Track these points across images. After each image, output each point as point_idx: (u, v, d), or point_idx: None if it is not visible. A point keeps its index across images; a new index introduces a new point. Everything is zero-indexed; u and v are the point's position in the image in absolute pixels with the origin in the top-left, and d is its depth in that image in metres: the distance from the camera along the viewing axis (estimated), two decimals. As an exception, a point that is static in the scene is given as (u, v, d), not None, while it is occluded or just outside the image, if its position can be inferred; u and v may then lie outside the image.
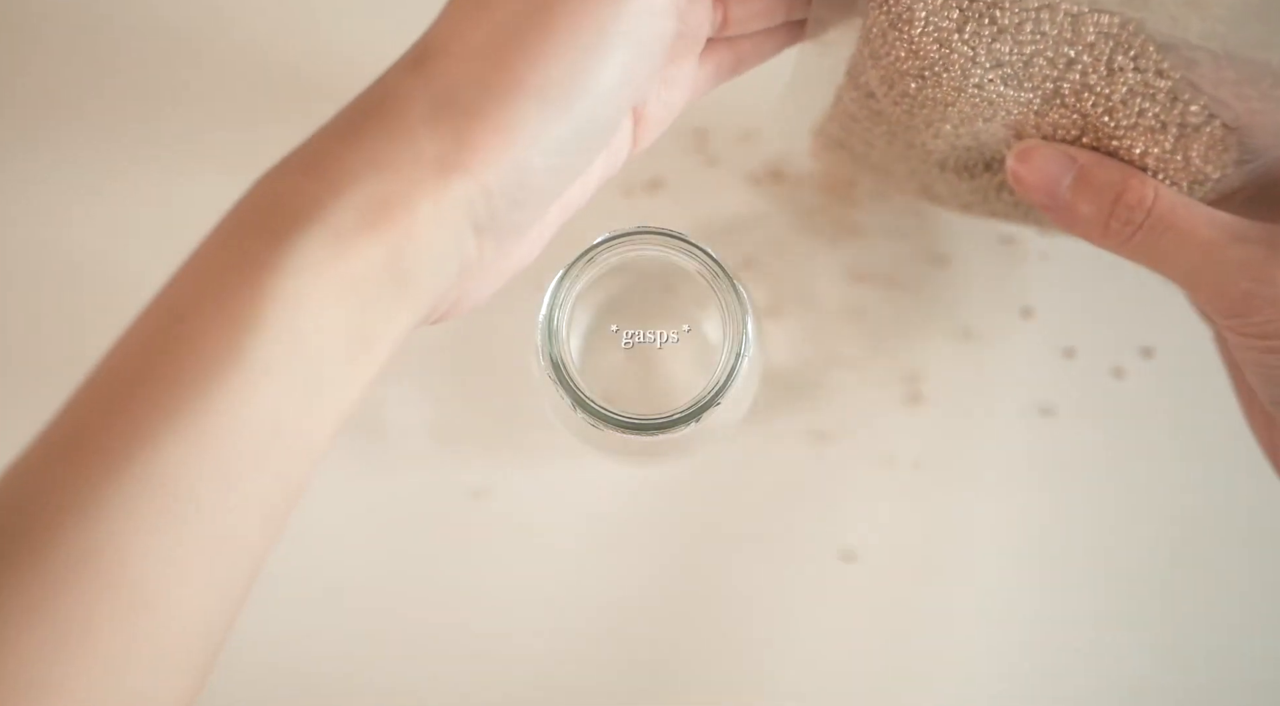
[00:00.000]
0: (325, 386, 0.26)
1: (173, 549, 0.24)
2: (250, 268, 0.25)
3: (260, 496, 0.25)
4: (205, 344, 0.24)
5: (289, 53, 0.48)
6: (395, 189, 0.26)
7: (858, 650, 0.46)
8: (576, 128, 0.28)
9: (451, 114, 0.27)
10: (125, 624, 0.24)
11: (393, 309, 0.27)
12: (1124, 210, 0.32)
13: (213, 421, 0.24)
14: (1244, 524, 0.45)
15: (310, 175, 0.27)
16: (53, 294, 0.47)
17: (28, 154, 0.48)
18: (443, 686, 0.46)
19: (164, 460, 0.24)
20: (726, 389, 0.32)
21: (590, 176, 0.32)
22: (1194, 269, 0.31)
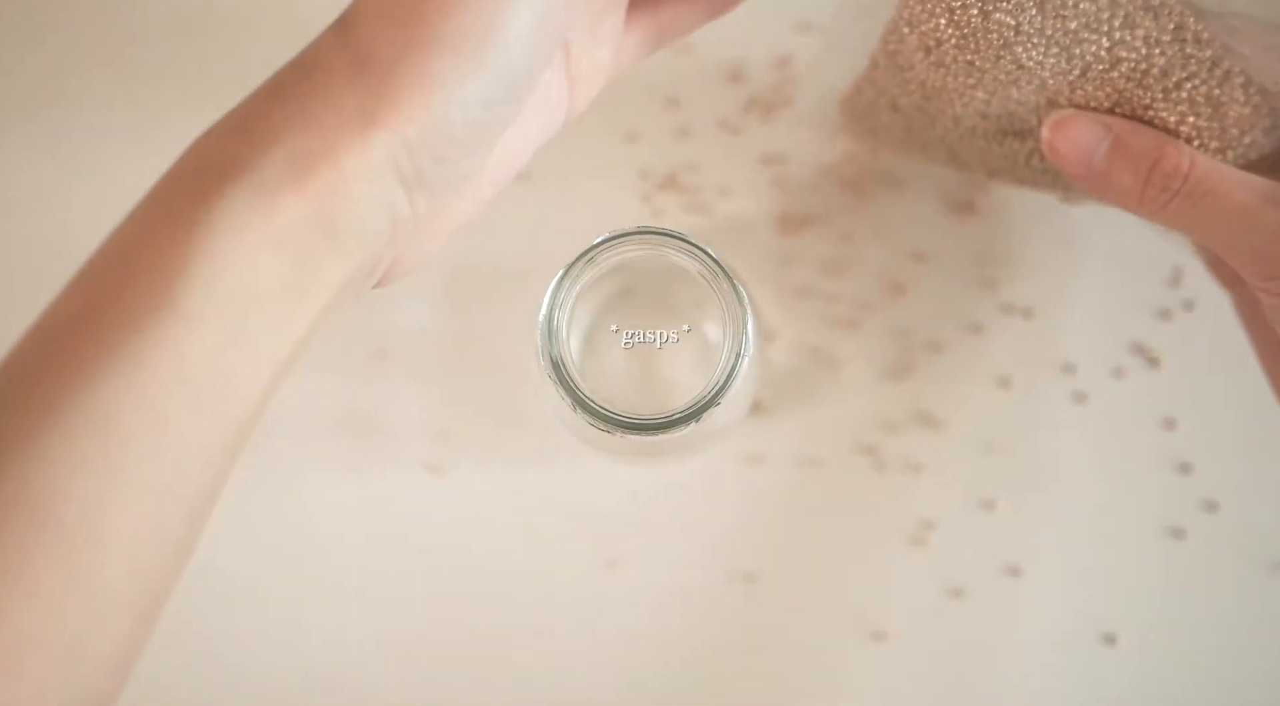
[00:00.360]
0: (258, 336, 0.27)
1: (106, 491, 0.24)
2: (179, 224, 0.26)
3: (197, 442, 0.26)
4: (138, 295, 0.25)
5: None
6: (319, 144, 0.27)
7: (859, 648, 0.46)
8: (494, 79, 0.28)
9: (370, 70, 0.27)
10: (60, 564, 0.24)
11: (325, 260, 0.27)
12: (1160, 177, 0.33)
13: (146, 366, 0.25)
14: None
15: (236, 135, 0.27)
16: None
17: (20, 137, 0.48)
18: (441, 686, 0.46)
19: (100, 402, 0.24)
20: (726, 389, 0.32)
21: (528, 137, 0.32)
22: (1231, 233, 0.32)
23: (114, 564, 0.25)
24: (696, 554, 0.47)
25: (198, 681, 0.45)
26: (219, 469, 0.27)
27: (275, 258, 0.27)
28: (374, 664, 0.46)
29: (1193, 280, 0.46)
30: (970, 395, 0.46)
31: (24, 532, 0.24)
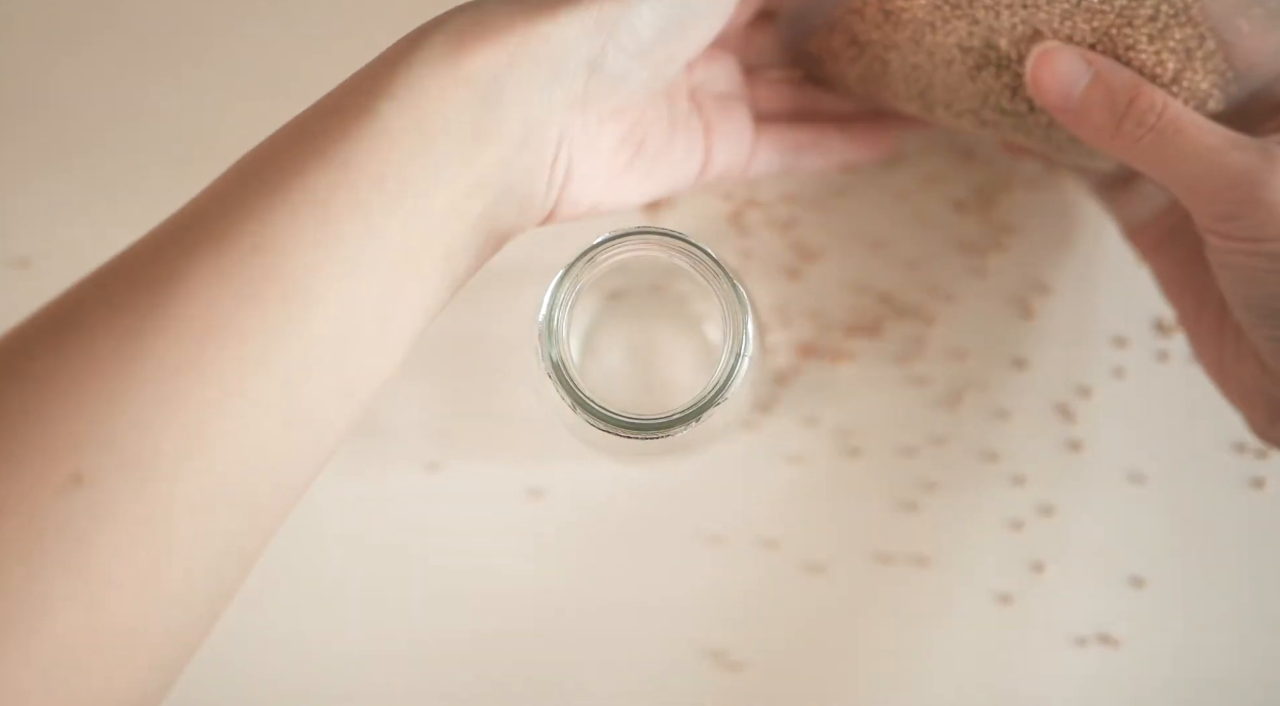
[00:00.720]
0: (442, 159, 0.31)
1: (320, 261, 0.29)
2: (385, 62, 0.31)
3: (391, 238, 0.30)
4: (347, 108, 0.30)
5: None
6: (517, 7, 0.32)
7: (860, 648, 0.46)
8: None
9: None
10: (277, 314, 0.28)
11: (507, 111, 0.32)
12: (1137, 112, 0.34)
13: (351, 166, 0.29)
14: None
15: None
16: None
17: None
18: (439, 686, 0.46)
19: (317, 189, 0.29)
20: (726, 389, 0.32)
21: (660, 174, 0.37)
22: (1195, 172, 0.33)
23: (320, 322, 0.29)
24: (696, 554, 0.47)
25: (196, 680, 0.45)
26: (402, 275, 0.30)
27: (465, 93, 0.31)
28: (372, 662, 0.46)
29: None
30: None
31: (253, 280, 0.28)
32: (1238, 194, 0.33)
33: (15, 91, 0.48)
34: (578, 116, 0.34)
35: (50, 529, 0.25)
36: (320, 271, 0.29)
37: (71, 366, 0.26)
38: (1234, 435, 0.46)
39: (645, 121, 0.37)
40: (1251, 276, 0.34)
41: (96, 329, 0.27)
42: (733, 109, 0.40)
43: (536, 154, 0.33)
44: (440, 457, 0.47)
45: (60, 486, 0.25)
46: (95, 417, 0.26)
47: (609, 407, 0.32)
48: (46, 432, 0.26)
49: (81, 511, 0.25)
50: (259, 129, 0.31)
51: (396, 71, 0.31)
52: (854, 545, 0.46)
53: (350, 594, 0.46)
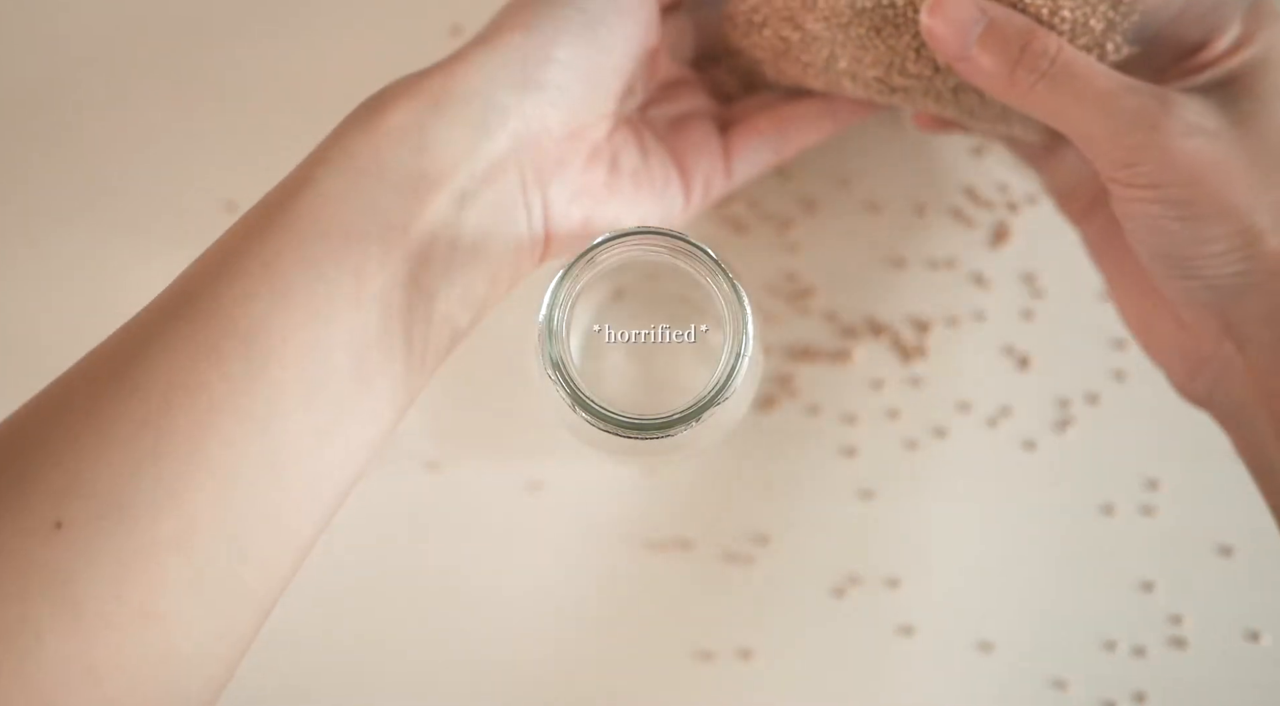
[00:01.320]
0: (386, 209, 0.32)
1: (269, 313, 0.31)
2: (319, 145, 0.34)
3: (341, 279, 0.32)
4: (290, 183, 0.33)
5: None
6: (434, 66, 0.35)
7: (862, 649, 0.46)
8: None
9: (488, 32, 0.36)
10: (240, 364, 0.30)
11: (439, 150, 0.33)
12: (1030, 58, 0.34)
13: (294, 230, 0.32)
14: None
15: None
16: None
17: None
18: (439, 687, 0.46)
19: (265, 254, 0.31)
20: (726, 389, 0.32)
21: (641, 206, 0.39)
22: (1091, 118, 0.33)
23: (279, 367, 0.31)
24: (697, 554, 0.46)
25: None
26: (363, 318, 0.32)
27: (395, 142, 0.33)
28: (370, 659, 0.46)
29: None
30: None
31: (210, 338, 0.30)
32: (1134, 139, 0.33)
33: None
34: (534, 140, 0.35)
35: (36, 570, 0.27)
36: (272, 322, 0.31)
37: (50, 428, 0.29)
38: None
39: (613, 141, 0.38)
40: (1154, 225, 0.34)
41: (73, 395, 0.30)
42: (691, 126, 0.41)
43: (500, 185, 0.34)
44: (440, 456, 0.47)
45: (44, 533, 0.28)
46: (73, 470, 0.28)
47: (609, 407, 0.32)
48: (27, 487, 0.28)
49: (65, 555, 0.28)
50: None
51: (329, 142, 0.33)
52: (854, 544, 0.46)
53: (347, 590, 0.46)
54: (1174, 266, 0.34)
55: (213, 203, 0.47)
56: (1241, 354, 0.35)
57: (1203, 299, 0.35)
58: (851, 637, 0.46)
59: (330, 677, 0.46)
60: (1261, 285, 0.33)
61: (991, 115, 0.39)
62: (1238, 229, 0.33)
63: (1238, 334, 0.35)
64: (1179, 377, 0.38)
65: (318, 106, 0.47)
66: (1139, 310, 0.39)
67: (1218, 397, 0.37)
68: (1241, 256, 0.33)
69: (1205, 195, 0.33)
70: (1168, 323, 0.38)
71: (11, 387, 0.46)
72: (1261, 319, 0.34)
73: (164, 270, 0.46)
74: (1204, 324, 0.36)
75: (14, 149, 0.47)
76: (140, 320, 0.31)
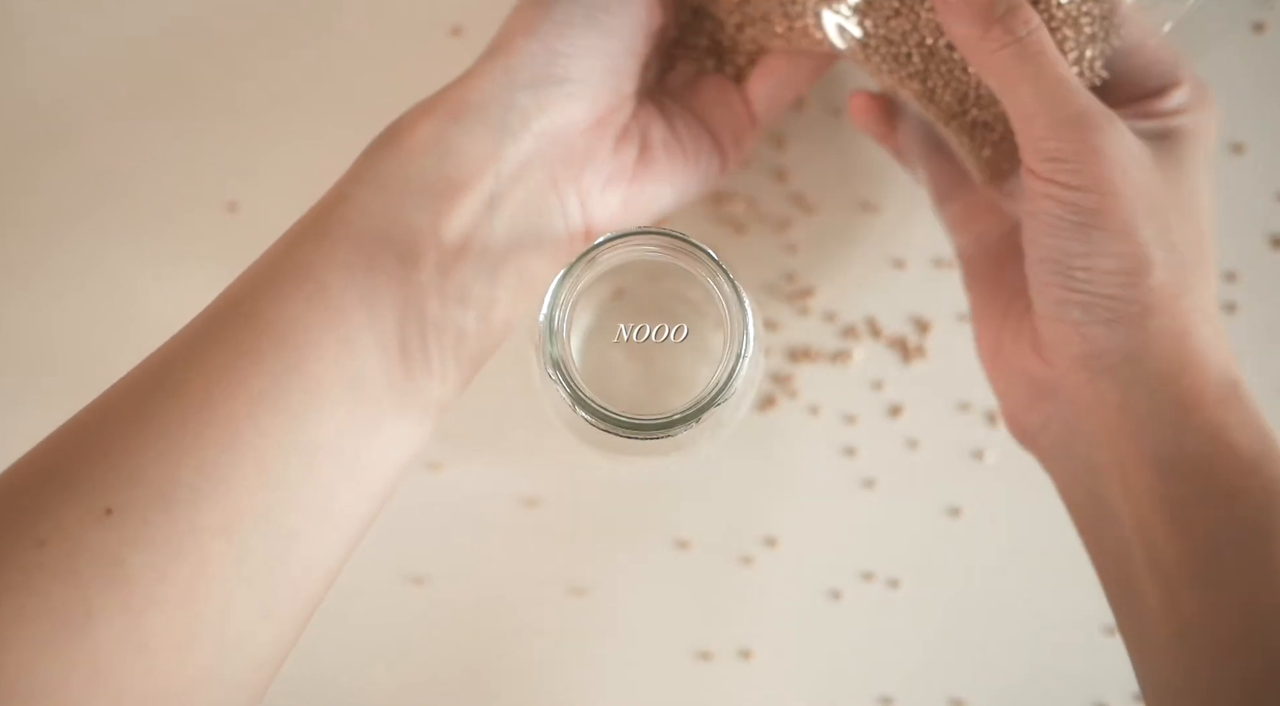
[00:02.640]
0: (418, 217, 0.34)
1: (304, 314, 0.32)
2: (349, 170, 0.35)
3: (378, 290, 0.33)
4: (306, 234, 0.34)
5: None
6: (445, 87, 0.36)
7: (862, 649, 0.46)
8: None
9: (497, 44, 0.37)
10: (276, 361, 0.32)
11: (462, 156, 0.34)
12: (1011, 19, 0.34)
13: (309, 280, 0.33)
14: None
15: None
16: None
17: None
18: (438, 686, 0.46)
19: (298, 258, 0.33)
20: (727, 389, 0.32)
21: (683, 174, 0.39)
22: (1042, 98, 0.34)
23: (317, 363, 0.32)
24: (697, 553, 0.47)
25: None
26: (403, 316, 0.33)
27: (420, 156, 0.34)
28: (369, 661, 0.46)
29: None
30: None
31: (248, 338, 0.32)
32: (1075, 133, 0.33)
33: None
34: (559, 135, 0.36)
35: (87, 553, 0.29)
36: (309, 321, 0.32)
37: (100, 427, 0.31)
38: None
39: (640, 119, 0.39)
40: (1058, 225, 0.34)
41: (120, 399, 0.31)
42: (705, 83, 0.41)
43: (530, 184, 0.35)
44: (440, 455, 0.47)
45: (94, 519, 0.29)
46: (120, 461, 0.30)
47: (609, 407, 0.32)
48: (79, 479, 0.30)
49: (114, 538, 0.29)
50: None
51: (359, 162, 0.35)
52: (854, 544, 0.46)
53: (346, 589, 0.46)
54: (1060, 274, 0.34)
55: (215, 204, 0.47)
56: (1092, 385, 0.35)
57: (1075, 317, 0.34)
58: (851, 637, 0.46)
59: (329, 677, 0.46)
60: (1135, 318, 0.34)
61: (944, 105, 0.38)
62: (1133, 252, 0.33)
63: (1097, 364, 0.34)
64: (1017, 405, 0.38)
65: (320, 108, 0.47)
66: (995, 333, 0.39)
67: (1052, 430, 0.37)
68: (1127, 281, 0.34)
69: (1116, 210, 0.33)
70: (1022, 346, 0.38)
71: (17, 386, 0.47)
72: (1126, 352, 0.34)
73: (167, 270, 0.46)
74: (1064, 347, 0.35)
75: (20, 153, 0.48)
76: (184, 332, 0.33)
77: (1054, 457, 0.38)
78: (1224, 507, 0.33)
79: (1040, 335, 0.36)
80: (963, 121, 0.38)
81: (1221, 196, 0.47)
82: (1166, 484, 0.33)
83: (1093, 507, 0.36)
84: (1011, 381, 0.38)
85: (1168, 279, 0.34)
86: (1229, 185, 0.47)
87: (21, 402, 0.46)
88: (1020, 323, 0.38)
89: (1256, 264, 0.47)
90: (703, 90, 0.41)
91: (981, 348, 0.40)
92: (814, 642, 0.46)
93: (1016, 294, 0.39)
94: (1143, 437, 0.34)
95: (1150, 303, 0.34)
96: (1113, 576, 0.36)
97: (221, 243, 0.46)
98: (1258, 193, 0.47)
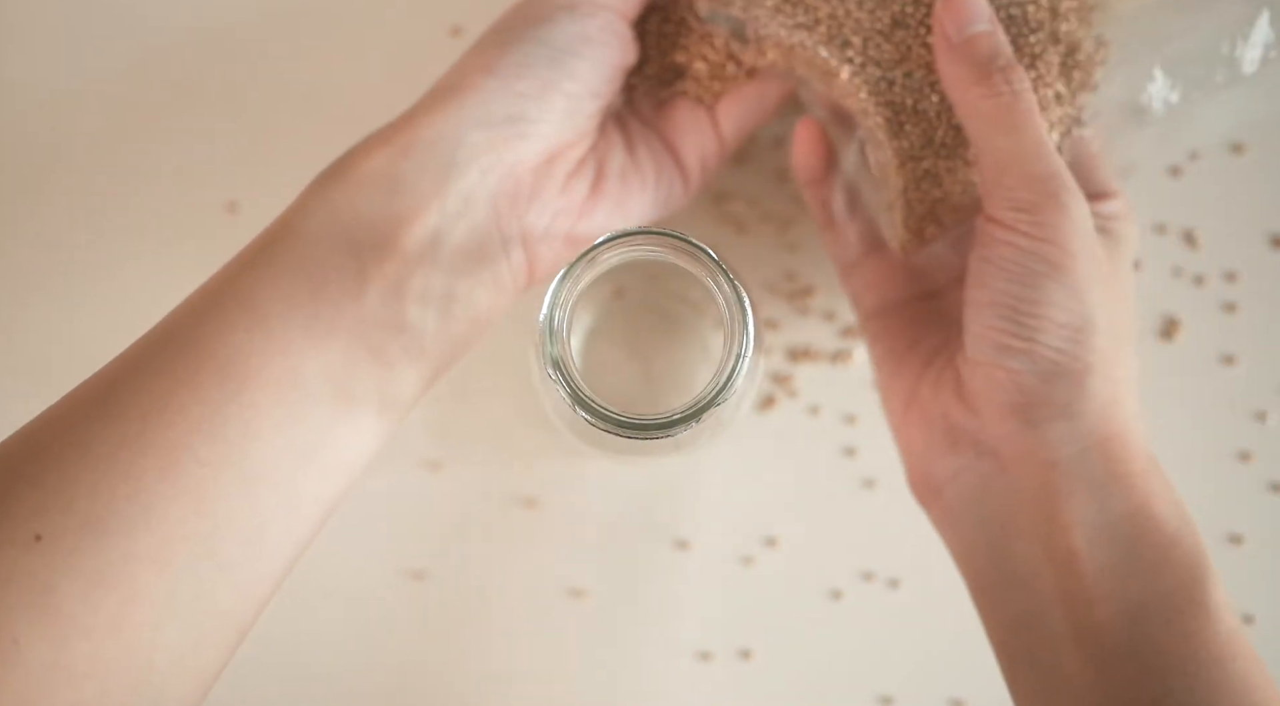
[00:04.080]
0: (363, 248, 0.34)
1: (248, 341, 0.33)
2: (296, 200, 0.36)
3: (319, 319, 0.33)
4: (273, 232, 0.35)
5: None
6: (403, 120, 0.36)
7: (862, 649, 0.46)
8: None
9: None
10: (216, 390, 0.32)
11: (409, 190, 0.35)
12: (1010, 72, 0.36)
13: (271, 269, 0.34)
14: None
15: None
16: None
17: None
18: (438, 686, 0.46)
19: (243, 293, 0.33)
20: (727, 389, 0.32)
21: (636, 202, 0.40)
22: (1021, 150, 0.35)
23: (258, 391, 0.32)
24: (696, 553, 0.47)
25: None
26: (349, 350, 0.34)
27: (368, 188, 0.35)
28: (369, 661, 0.46)
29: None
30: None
31: (189, 366, 0.32)
32: (1048, 187, 0.34)
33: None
34: (506, 172, 0.36)
35: (15, 579, 0.29)
36: (250, 350, 0.32)
37: (33, 453, 0.31)
38: (1239, 439, 0.46)
39: (598, 149, 0.39)
40: (1015, 273, 0.35)
41: (55, 424, 0.31)
42: (675, 105, 0.42)
43: (473, 218, 0.35)
44: (439, 455, 0.47)
45: (23, 545, 0.29)
46: (53, 488, 0.30)
47: (609, 407, 0.32)
48: (10, 505, 0.29)
49: (43, 565, 0.29)
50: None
51: (307, 192, 0.35)
52: (854, 544, 0.46)
53: (345, 589, 0.46)
54: (1009, 320, 0.35)
55: (215, 204, 0.47)
56: (1021, 437, 0.35)
57: (1014, 365, 0.35)
58: (851, 637, 0.46)
59: (329, 676, 0.46)
60: (1077, 375, 0.34)
61: (905, 144, 0.38)
62: (1082, 312, 0.34)
63: (1029, 415, 0.35)
64: (930, 453, 0.38)
65: (320, 108, 0.47)
66: (911, 380, 0.39)
67: (963, 481, 0.37)
68: (1075, 337, 0.34)
69: (1073, 268, 0.34)
70: (944, 393, 0.37)
71: (17, 385, 0.47)
72: (1062, 407, 0.35)
73: (167, 270, 0.46)
74: (996, 394, 0.35)
75: (20, 153, 0.48)
76: (122, 356, 0.33)
77: (956, 514, 0.37)
78: (1151, 578, 0.34)
79: (968, 383, 0.36)
80: (915, 168, 0.38)
81: (1221, 196, 0.47)
82: (1092, 548, 0.34)
83: (997, 571, 0.36)
84: (928, 429, 0.38)
85: (1106, 345, 0.35)
86: (1229, 185, 0.47)
87: (21, 403, 0.46)
88: (943, 372, 0.38)
89: (1256, 264, 0.47)
90: (672, 112, 0.42)
91: (891, 397, 0.40)
92: (814, 642, 0.46)
93: (940, 345, 0.39)
94: (1071, 495, 0.35)
95: (1092, 362, 0.35)
96: (1020, 644, 0.36)
97: (221, 243, 0.46)
98: (1258, 193, 0.47)
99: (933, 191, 0.39)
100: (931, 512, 0.39)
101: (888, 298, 0.41)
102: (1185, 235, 0.47)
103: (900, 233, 0.40)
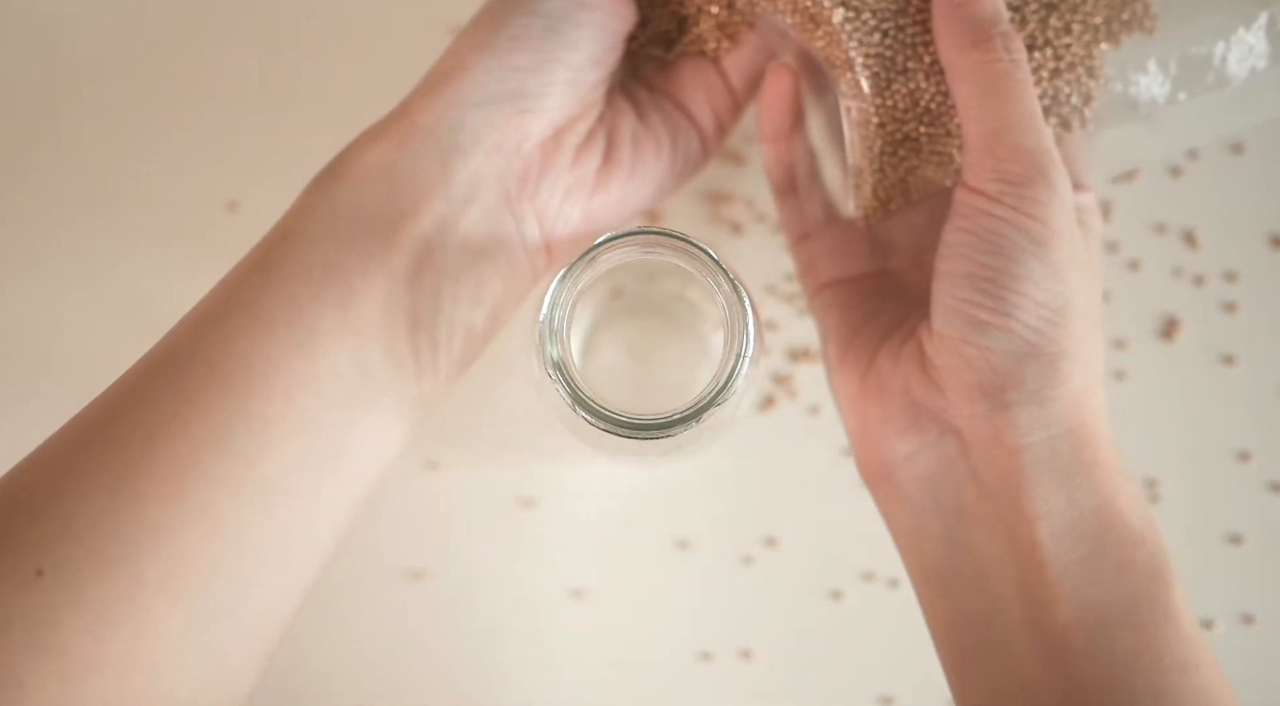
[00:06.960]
0: (368, 245, 0.33)
1: (254, 350, 0.31)
2: (297, 201, 0.34)
3: (323, 322, 0.32)
4: (275, 234, 0.34)
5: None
6: (389, 113, 0.35)
7: (862, 649, 0.46)
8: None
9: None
10: (221, 403, 0.31)
11: (412, 180, 0.34)
12: (1009, 42, 0.34)
13: (274, 273, 0.33)
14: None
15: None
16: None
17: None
18: (437, 686, 0.46)
19: (246, 295, 0.32)
20: (727, 389, 0.32)
21: (653, 171, 0.38)
22: (1014, 121, 0.33)
23: (265, 401, 0.31)
24: (696, 554, 0.47)
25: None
26: (357, 350, 0.32)
27: (368, 182, 0.33)
28: (369, 661, 0.46)
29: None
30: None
31: (193, 381, 0.31)
32: (1039, 162, 0.33)
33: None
34: (512, 151, 0.35)
35: (17, 618, 0.27)
36: (254, 358, 0.31)
37: (33, 485, 0.29)
38: (1238, 439, 0.46)
39: (607, 120, 0.38)
40: (996, 246, 0.33)
41: (56, 454, 0.30)
42: (679, 64, 0.40)
43: (482, 203, 0.34)
44: (440, 457, 0.47)
45: (23, 581, 0.28)
46: (55, 520, 0.28)
47: (609, 407, 0.32)
48: (9, 540, 0.28)
49: (46, 601, 0.28)
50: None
51: (306, 192, 0.34)
52: (855, 544, 0.46)
53: (344, 589, 0.46)
54: (987, 294, 0.33)
55: (215, 203, 0.47)
56: (989, 419, 0.34)
57: (986, 342, 0.33)
58: (851, 637, 0.46)
59: (329, 676, 0.46)
60: (1052, 358, 0.33)
61: (890, 104, 0.37)
62: (1063, 293, 0.33)
63: (999, 397, 0.33)
64: (886, 430, 0.36)
65: (319, 107, 0.47)
66: (868, 354, 0.37)
67: (920, 462, 0.35)
68: (1053, 318, 0.33)
69: (1057, 247, 0.33)
70: (905, 367, 0.36)
71: (18, 384, 0.47)
72: (1034, 390, 0.33)
73: (167, 269, 0.46)
74: (965, 373, 0.34)
75: (19, 151, 0.48)
76: (124, 378, 0.32)
77: (909, 497, 0.35)
78: (1115, 578, 0.32)
79: (933, 358, 0.35)
80: (897, 131, 0.37)
81: (1221, 196, 0.47)
82: (1057, 543, 0.33)
83: (949, 561, 0.34)
84: (887, 402, 0.36)
85: (1083, 332, 0.33)
86: (1229, 185, 0.47)
87: (21, 403, 0.46)
88: (904, 345, 0.36)
89: (1256, 264, 0.47)
90: (679, 73, 0.40)
91: (845, 370, 0.38)
92: (814, 642, 0.46)
93: (899, 318, 0.37)
94: (1037, 485, 0.33)
95: (1068, 347, 0.33)
96: (972, 640, 0.34)
97: (221, 243, 0.46)
98: (1258, 193, 0.47)
99: (910, 159, 0.37)
100: (878, 493, 0.37)
101: (847, 269, 0.40)
102: (1185, 235, 0.47)
103: (868, 200, 0.38)
